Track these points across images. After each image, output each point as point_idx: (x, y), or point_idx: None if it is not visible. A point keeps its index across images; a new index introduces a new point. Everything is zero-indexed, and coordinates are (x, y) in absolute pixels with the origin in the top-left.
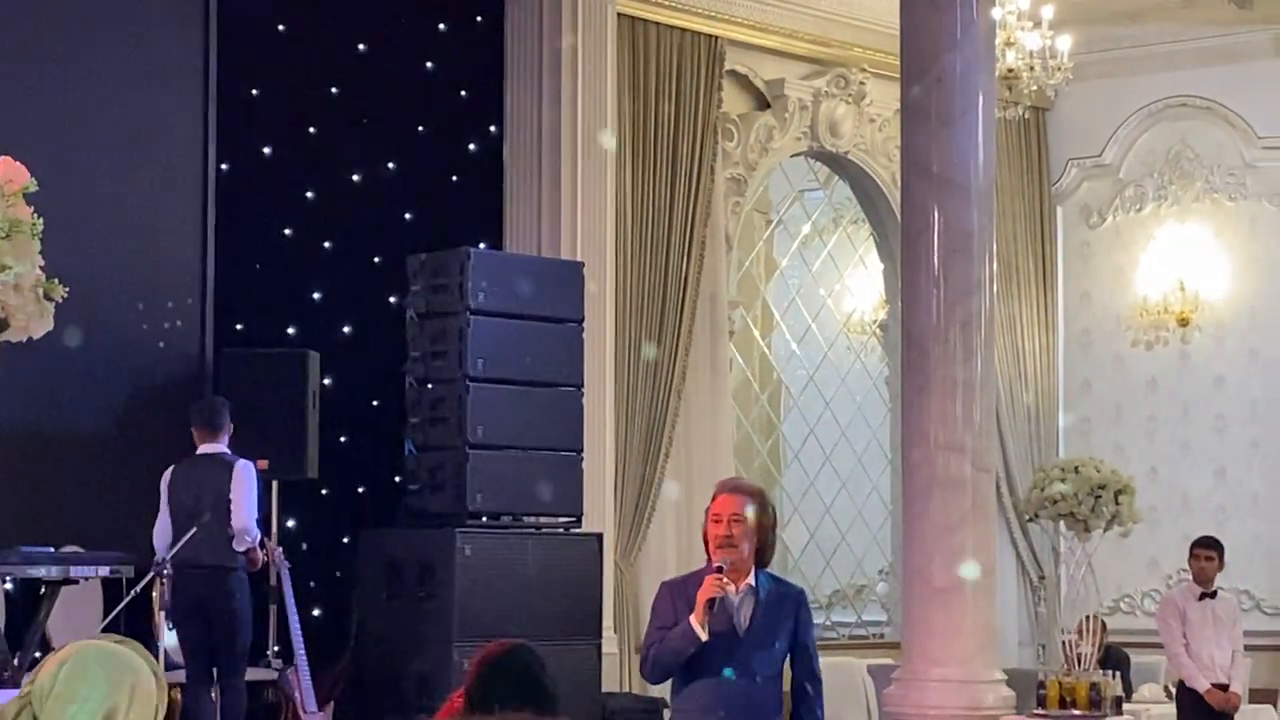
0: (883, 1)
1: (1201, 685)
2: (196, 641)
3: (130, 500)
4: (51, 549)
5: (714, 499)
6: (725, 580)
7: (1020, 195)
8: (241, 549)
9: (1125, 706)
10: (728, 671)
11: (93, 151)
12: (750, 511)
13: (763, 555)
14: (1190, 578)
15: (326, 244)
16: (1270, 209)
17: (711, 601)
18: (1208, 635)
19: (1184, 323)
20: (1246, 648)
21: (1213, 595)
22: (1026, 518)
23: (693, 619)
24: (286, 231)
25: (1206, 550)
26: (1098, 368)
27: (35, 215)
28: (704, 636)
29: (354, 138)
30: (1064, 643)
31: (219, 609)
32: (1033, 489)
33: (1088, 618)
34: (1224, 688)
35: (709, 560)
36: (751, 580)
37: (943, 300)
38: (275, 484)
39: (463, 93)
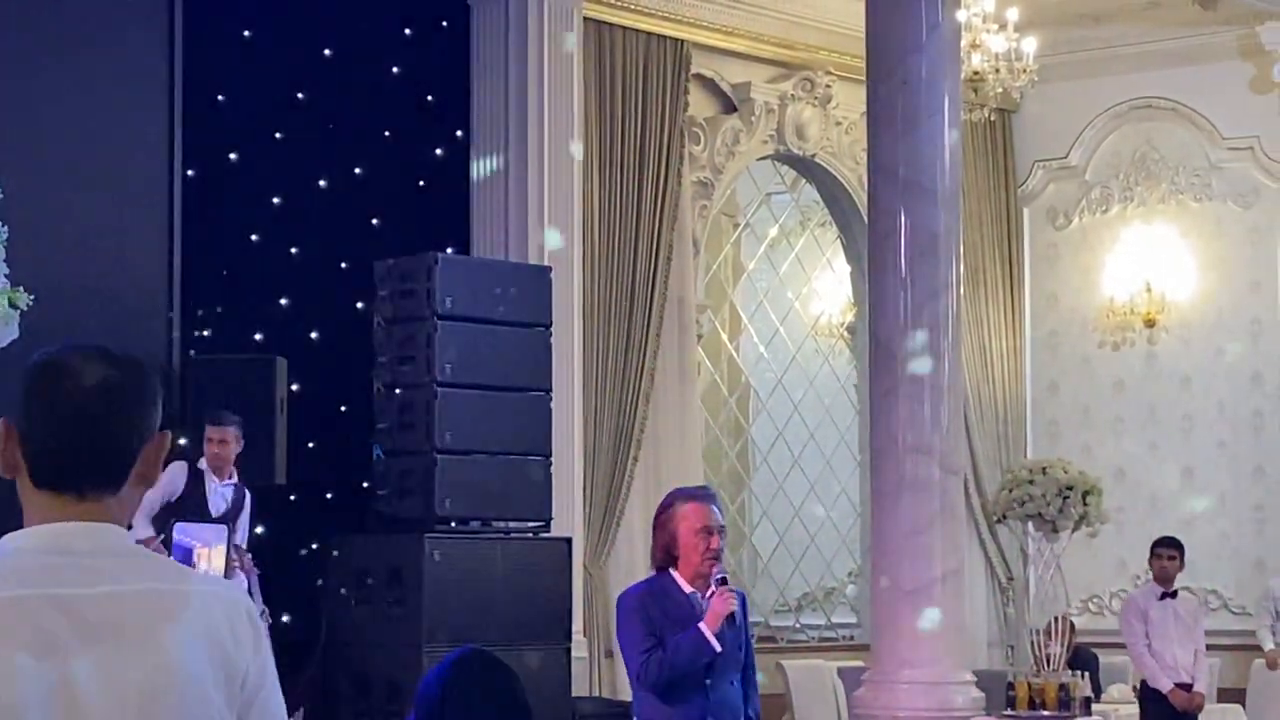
0: (848, 4)
1: (1165, 685)
2: None
3: None
4: None
5: (680, 507)
6: (731, 593)
7: (987, 197)
8: None
9: (1094, 707)
10: (709, 679)
11: (57, 159)
12: (722, 522)
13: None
14: (1152, 578)
15: (293, 250)
16: (1235, 209)
17: (731, 616)
18: (1170, 635)
19: (1150, 324)
20: (1214, 647)
21: (1174, 595)
22: (995, 519)
23: (707, 630)
24: (253, 237)
25: (1168, 550)
26: (1065, 369)
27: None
28: (719, 648)
29: (320, 143)
30: (1033, 643)
31: None
32: (1001, 490)
33: (1056, 618)
34: (1187, 687)
35: (658, 568)
36: (714, 587)
37: (910, 302)
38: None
39: (429, 97)
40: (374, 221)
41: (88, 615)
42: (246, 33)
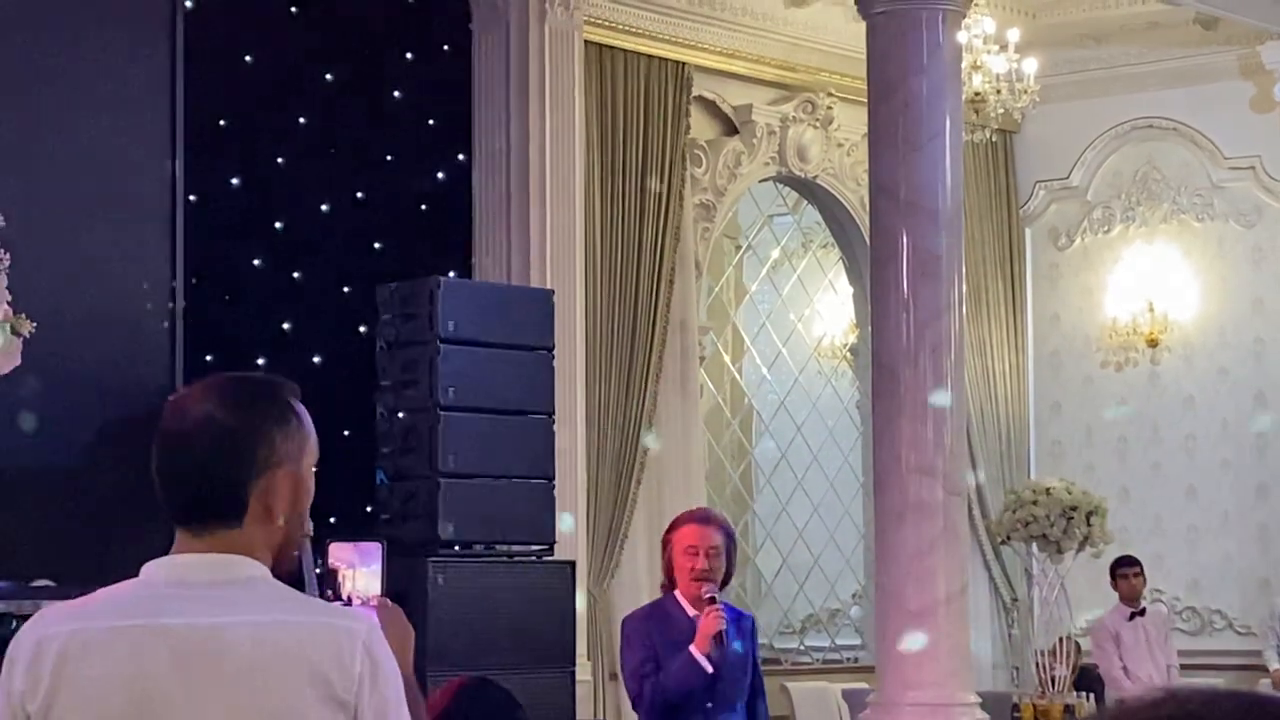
0: (849, 26)
1: None
2: None
3: (101, 534)
4: (21, 583)
5: (678, 529)
6: (721, 612)
7: (988, 218)
8: None
9: None
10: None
11: (59, 184)
12: (720, 542)
13: (727, 584)
14: (1119, 599)
15: (295, 274)
16: (1238, 229)
17: (719, 634)
18: (1142, 655)
19: (1153, 343)
20: (1219, 667)
21: (1142, 613)
22: (999, 540)
23: (696, 652)
24: (255, 262)
25: (1132, 568)
26: (1068, 389)
27: (1, 251)
28: (710, 669)
29: (322, 167)
30: (1038, 665)
31: None
32: (1004, 511)
33: (1061, 640)
34: None
35: (665, 590)
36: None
37: (912, 324)
38: None
39: (431, 121)
40: (376, 245)
41: (187, 645)
42: (248, 57)
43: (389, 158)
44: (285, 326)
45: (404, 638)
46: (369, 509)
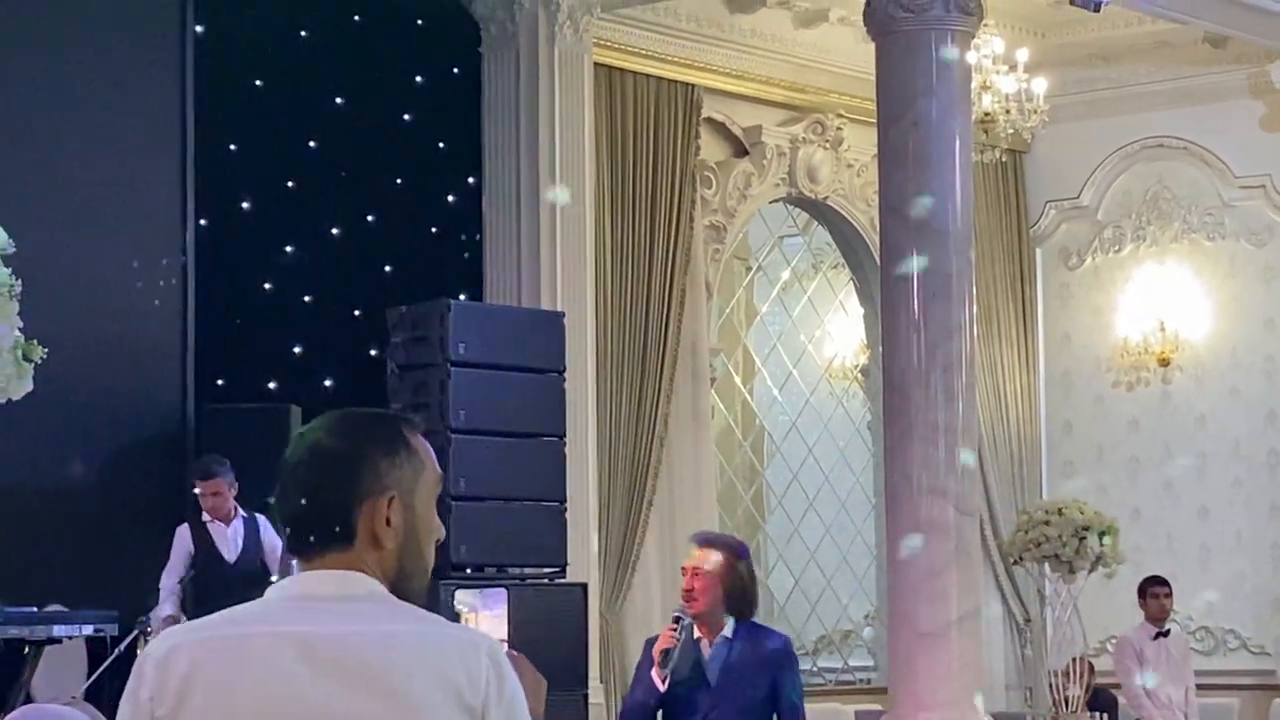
0: (858, 47)
1: None
2: None
3: (113, 558)
4: (34, 608)
5: None
6: (676, 631)
7: (999, 238)
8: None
9: None
10: None
11: (71, 209)
12: (712, 564)
13: (737, 606)
14: (1145, 618)
15: (307, 297)
16: (1248, 248)
17: (666, 652)
18: (1164, 674)
19: (1164, 363)
20: (1232, 687)
21: (1166, 634)
22: (1011, 560)
23: (653, 671)
24: (266, 285)
25: (1164, 588)
26: (1079, 409)
27: (13, 276)
28: (661, 687)
29: (333, 191)
30: (1051, 685)
31: None
32: (1017, 531)
33: (1075, 660)
34: None
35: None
36: (727, 632)
37: (923, 344)
38: None
39: (441, 144)
40: (387, 268)
41: (320, 651)
42: (258, 81)
43: (399, 181)
44: (296, 350)
45: (536, 685)
46: None
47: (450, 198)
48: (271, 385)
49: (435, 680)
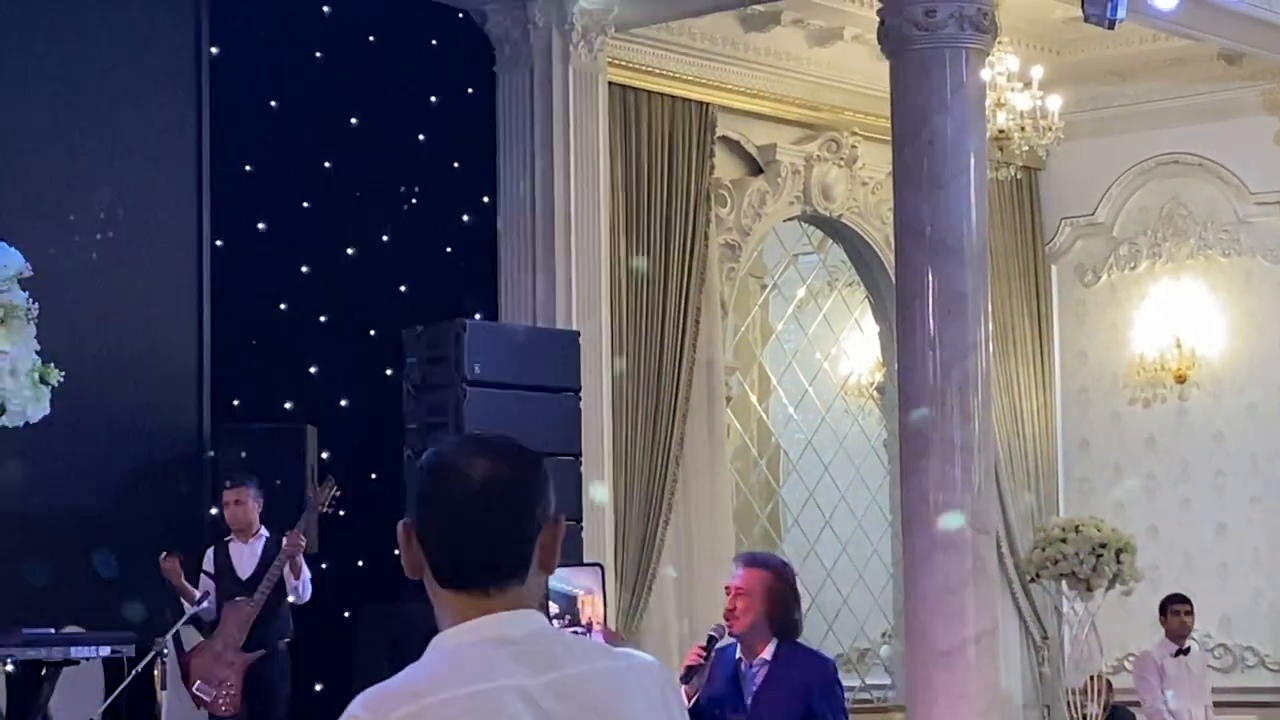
0: (873, 65)
1: None
2: None
3: (131, 579)
4: (52, 630)
5: None
6: (704, 650)
7: (1014, 255)
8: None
9: None
10: None
11: (87, 231)
12: (754, 585)
13: (780, 626)
14: (1165, 635)
15: (322, 318)
16: (1264, 264)
17: (689, 669)
18: (1184, 691)
19: (1181, 379)
20: (1250, 704)
21: (1186, 651)
22: (1028, 578)
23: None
24: (282, 306)
25: (1185, 605)
26: (1096, 426)
27: (29, 299)
28: (687, 704)
29: (348, 211)
30: (1069, 703)
31: None
32: (1034, 549)
33: (1093, 678)
34: None
35: None
36: (767, 655)
37: (939, 362)
38: None
39: (455, 164)
40: (402, 289)
41: (546, 703)
42: (273, 102)
43: (414, 201)
44: (312, 370)
45: None
46: (397, 552)
47: (465, 217)
48: (287, 405)
49: (645, 713)
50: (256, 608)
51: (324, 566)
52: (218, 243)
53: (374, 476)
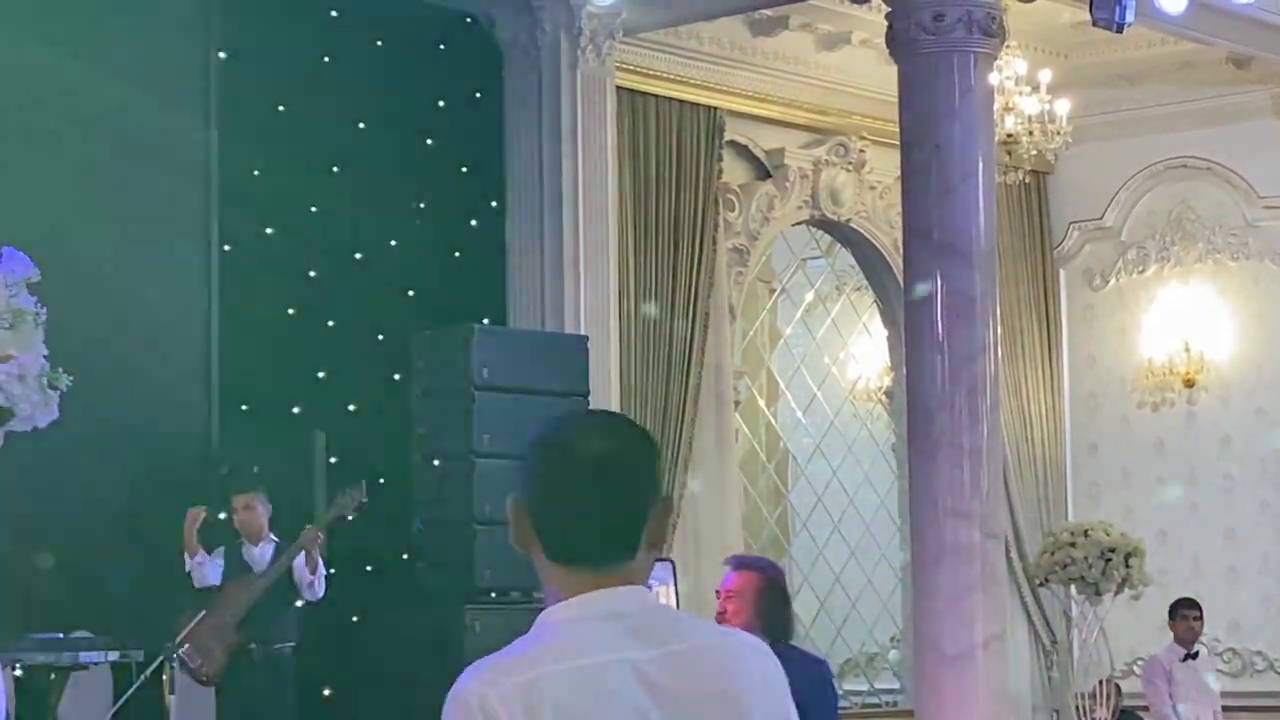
0: (881, 69)
1: None
2: None
3: (138, 583)
4: (60, 635)
5: None
6: None
7: (1022, 259)
8: None
9: None
10: None
11: (94, 236)
12: (745, 587)
13: (772, 628)
14: (1174, 639)
15: (330, 322)
16: (1273, 268)
17: None
18: (1193, 696)
19: (1190, 384)
20: (1259, 709)
21: (1195, 656)
22: (1037, 582)
23: None
24: (290, 310)
25: (1194, 610)
26: (1104, 430)
27: (38, 304)
28: None
29: (355, 216)
30: (1078, 708)
31: None
32: (1042, 553)
33: (1101, 682)
34: None
35: None
36: None
37: (947, 366)
38: None
39: (464, 168)
40: (410, 293)
41: (657, 678)
42: (281, 106)
43: (422, 205)
44: (320, 375)
45: None
46: (405, 556)
47: (473, 222)
48: (295, 410)
49: (753, 694)
50: (261, 589)
51: (332, 571)
52: (226, 247)
53: (382, 481)
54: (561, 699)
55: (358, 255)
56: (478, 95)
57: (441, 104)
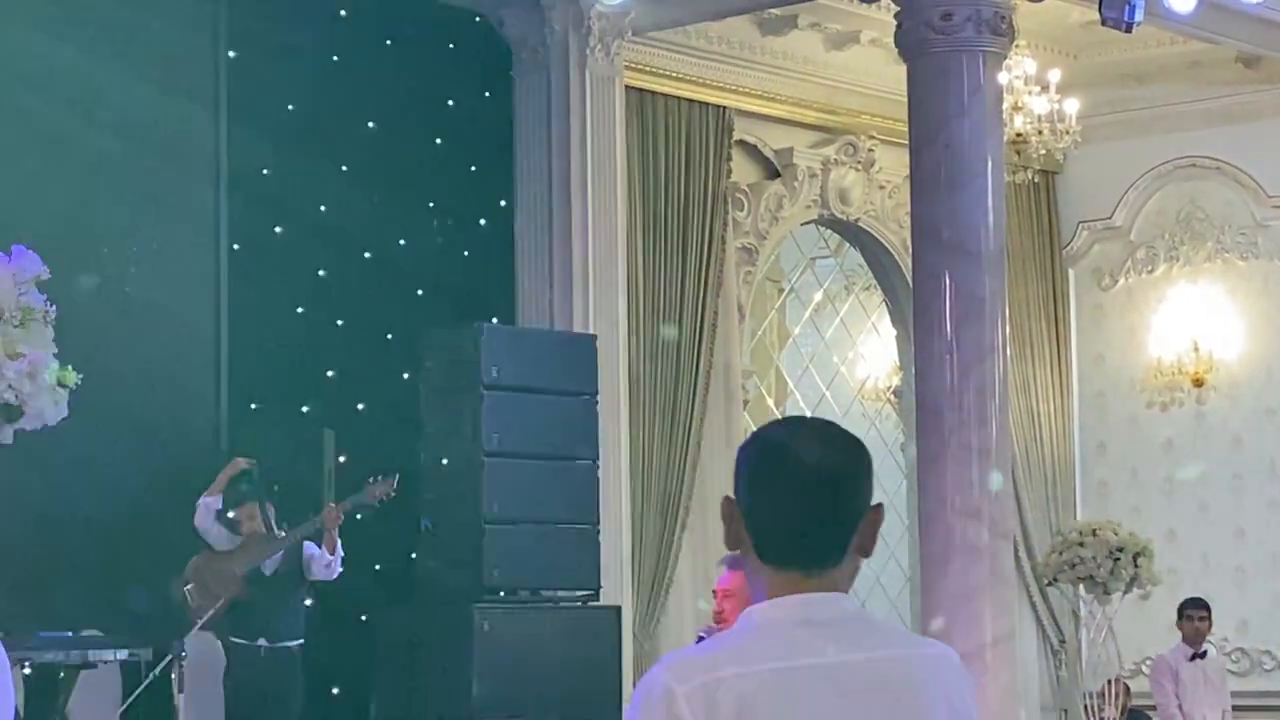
0: (890, 69)
1: None
2: None
3: (148, 582)
4: (69, 633)
5: None
6: None
7: (1031, 259)
8: None
9: None
10: None
11: (104, 234)
12: (741, 586)
13: None
14: (1181, 639)
15: (339, 321)
16: None
17: None
18: (1200, 696)
19: (1199, 383)
20: (1268, 709)
21: (1203, 655)
22: (1046, 581)
23: None
24: (299, 309)
25: (1200, 611)
26: (1113, 430)
27: (48, 302)
28: None
29: (365, 215)
30: (1086, 707)
31: None
32: (1051, 553)
33: (1110, 681)
34: None
35: None
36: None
37: (956, 366)
38: None
39: (472, 167)
40: (419, 292)
41: (847, 683)
42: (291, 105)
43: (431, 204)
44: (329, 373)
45: None
46: (414, 555)
47: (482, 221)
48: (305, 409)
49: (944, 706)
50: (278, 548)
51: (341, 570)
52: (235, 246)
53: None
54: (744, 700)
55: (367, 254)
56: (487, 94)
57: (451, 103)
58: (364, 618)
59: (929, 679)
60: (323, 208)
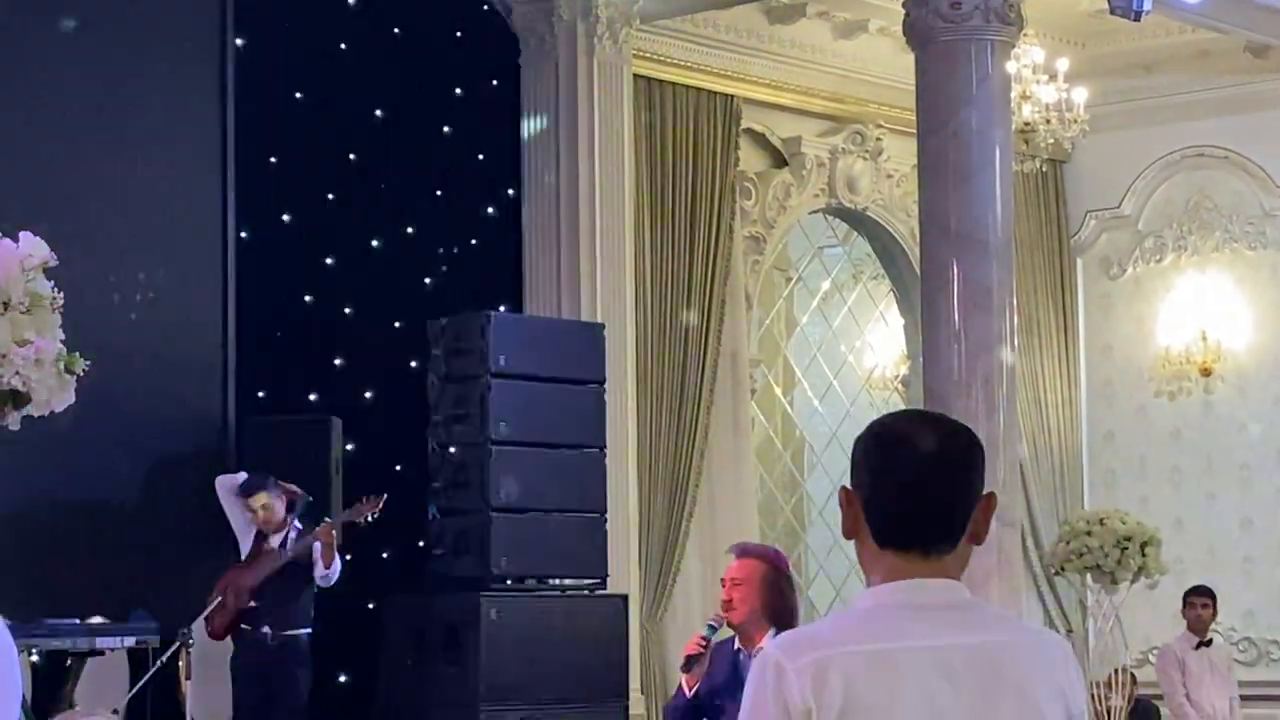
0: (898, 58)
1: None
2: None
3: (155, 570)
4: (77, 620)
5: None
6: (705, 640)
7: (1039, 248)
8: None
9: None
10: None
11: (112, 222)
12: (750, 574)
13: (777, 615)
14: (1186, 627)
15: (347, 310)
16: None
17: (689, 659)
18: (1207, 685)
19: (1206, 373)
20: (1276, 698)
21: (1208, 644)
22: (1053, 571)
23: (682, 676)
24: (307, 298)
25: (1203, 598)
26: (1121, 419)
27: (54, 289)
28: (688, 692)
29: (373, 203)
30: (1094, 696)
31: None
32: (1058, 542)
33: (1117, 670)
34: None
35: None
36: (765, 643)
37: (964, 355)
38: None
39: (480, 156)
40: (426, 280)
41: (956, 666)
42: (299, 94)
43: (438, 192)
44: (337, 362)
45: None
46: (421, 544)
47: (490, 209)
48: (312, 397)
49: (1056, 691)
50: (283, 559)
51: (348, 558)
52: (243, 234)
53: (398, 469)
54: (850, 679)
55: (374, 242)
56: (494, 83)
57: (458, 91)
58: (371, 606)
59: (1037, 665)
60: (330, 196)
